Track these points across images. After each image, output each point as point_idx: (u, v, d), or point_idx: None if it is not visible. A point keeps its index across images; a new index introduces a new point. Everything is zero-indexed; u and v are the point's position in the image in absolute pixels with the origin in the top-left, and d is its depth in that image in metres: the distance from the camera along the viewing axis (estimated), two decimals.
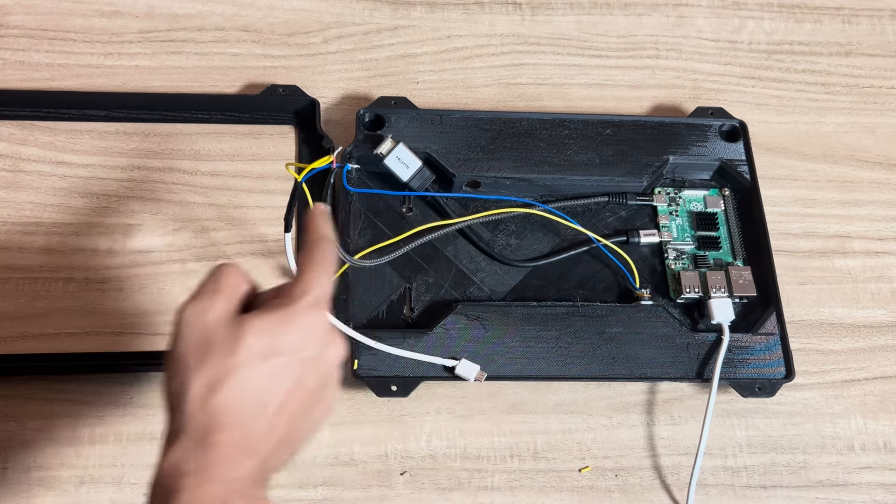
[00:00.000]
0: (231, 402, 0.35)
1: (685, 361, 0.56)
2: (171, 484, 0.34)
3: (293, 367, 0.37)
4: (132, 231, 0.59)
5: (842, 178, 0.67)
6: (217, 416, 0.35)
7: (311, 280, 0.39)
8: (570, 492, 0.55)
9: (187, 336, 0.36)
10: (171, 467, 0.34)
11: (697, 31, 0.72)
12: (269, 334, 0.36)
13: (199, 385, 0.35)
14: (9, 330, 0.55)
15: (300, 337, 0.37)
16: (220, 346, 0.36)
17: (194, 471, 0.34)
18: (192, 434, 0.35)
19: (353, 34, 0.68)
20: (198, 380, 0.35)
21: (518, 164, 0.60)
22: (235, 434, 0.35)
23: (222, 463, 0.34)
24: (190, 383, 0.35)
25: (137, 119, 0.62)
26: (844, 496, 0.56)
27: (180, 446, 0.34)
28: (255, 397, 0.36)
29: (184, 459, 0.34)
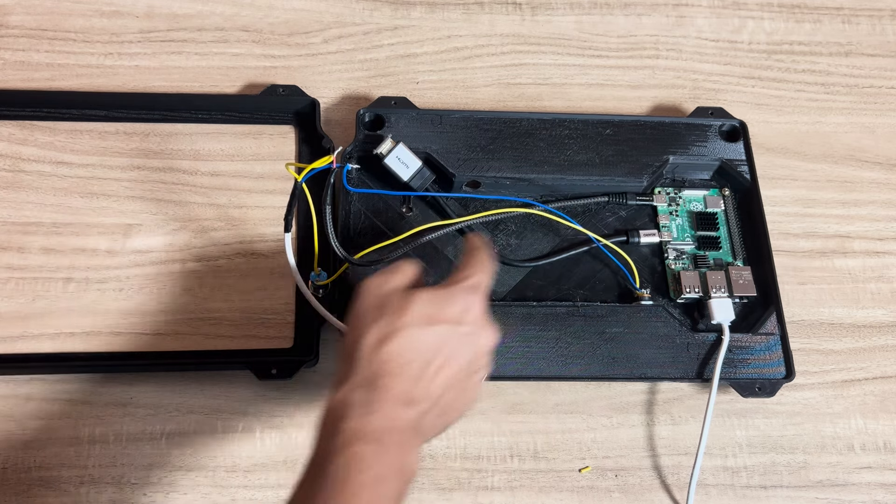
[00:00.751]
0: (397, 354, 0.41)
1: (685, 361, 0.56)
2: (339, 412, 0.40)
3: (451, 337, 0.43)
4: (132, 231, 0.59)
5: (842, 178, 0.67)
6: (385, 364, 0.41)
7: (472, 269, 0.46)
8: (570, 492, 0.55)
9: (366, 300, 0.44)
10: (341, 400, 0.40)
11: (697, 31, 0.72)
12: (434, 305, 0.43)
13: (372, 338, 0.42)
14: (9, 330, 0.55)
15: (458, 312, 0.43)
16: (393, 309, 0.42)
17: (361, 403, 0.40)
18: (361, 376, 0.41)
19: (353, 34, 0.68)
20: (371, 334, 0.42)
21: (518, 164, 0.60)
22: (399, 382, 0.41)
23: (385, 403, 0.40)
24: (364, 337, 0.42)
25: (137, 119, 0.62)
26: (844, 496, 0.56)
27: (350, 385, 0.40)
28: (418, 354, 0.42)
29: (353, 394, 0.40)
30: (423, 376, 0.41)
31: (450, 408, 0.43)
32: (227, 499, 0.53)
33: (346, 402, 0.40)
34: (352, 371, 0.41)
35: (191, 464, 0.53)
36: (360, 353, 0.41)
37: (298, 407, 0.55)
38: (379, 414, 0.39)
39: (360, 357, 0.41)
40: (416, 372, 0.41)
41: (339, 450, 0.38)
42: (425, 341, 0.42)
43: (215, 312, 0.57)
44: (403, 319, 0.42)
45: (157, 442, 0.54)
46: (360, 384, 0.40)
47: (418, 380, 0.41)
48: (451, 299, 0.43)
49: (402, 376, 0.41)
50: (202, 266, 0.58)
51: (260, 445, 0.54)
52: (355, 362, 0.41)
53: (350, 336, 0.43)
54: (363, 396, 0.40)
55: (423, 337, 0.42)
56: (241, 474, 0.53)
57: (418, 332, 0.42)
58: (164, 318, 0.56)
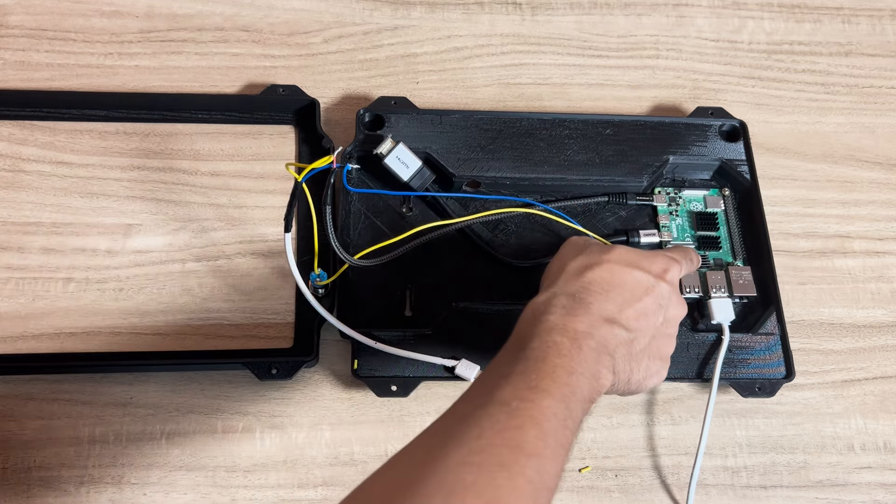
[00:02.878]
0: (600, 280, 0.44)
1: (685, 361, 0.56)
2: (543, 307, 0.43)
3: (650, 287, 0.45)
4: (132, 231, 0.59)
5: (842, 178, 0.67)
6: (588, 284, 0.44)
7: (673, 252, 0.50)
8: (570, 492, 0.55)
9: (570, 245, 0.48)
10: (545, 301, 0.43)
11: (697, 31, 0.72)
12: (636, 254, 0.46)
13: (577, 263, 0.45)
14: (9, 330, 0.55)
15: (658, 270, 0.46)
16: (596, 247, 0.47)
17: (564, 306, 0.42)
18: (565, 290, 0.44)
19: (353, 34, 0.68)
20: (576, 262, 0.45)
21: (518, 164, 0.60)
22: (601, 301, 0.43)
23: (586, 312, 0.42)
24: (568, 264, 0.45)
25: (137, 119, 0.62)
26: (844, 496, 0.56)
27: (555, 291, 0.44)
28: (618, 286, 0.44)
29: (556, 298, 0.43)
30: (622, 307, 0.44)
31: (641, 356, 0.45)
32: (227, 499, 0.53)
33: (550, 302, 0.43)
34: (555, 285, 0.44)
35: (191, 464, 0.53)
36: (565, 273, 0.45)
37: (298, 407, 0.55)
38: (580, 318, 0.42)
39: (563, 278, 0.44)
40: (617, 300, 0.44)
41: (540, 334, 0.41)
42: (626, 279, 0.44)
43: (215, 312, 0.57)
44: (608, 255, 0.45)
45: (157, 442, 0.54)
46: (564, 293, 0.43)
47: (619, 307, 0.43)
48: (653, 257, 0.47)
49: (602, 298, 0.43)
50: (202, 266, 0.58)
51: (260, 445, 0.54)
52: (557, 284, 0.44)
53: (554, 266, 0.47)
54: (567, 302, 0.43)
55: (624, 275, 0.45)
56: (241, 474, 0.53)
57: (620, 268, 0.45)
58: (164, 318, 0.56)
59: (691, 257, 0.53)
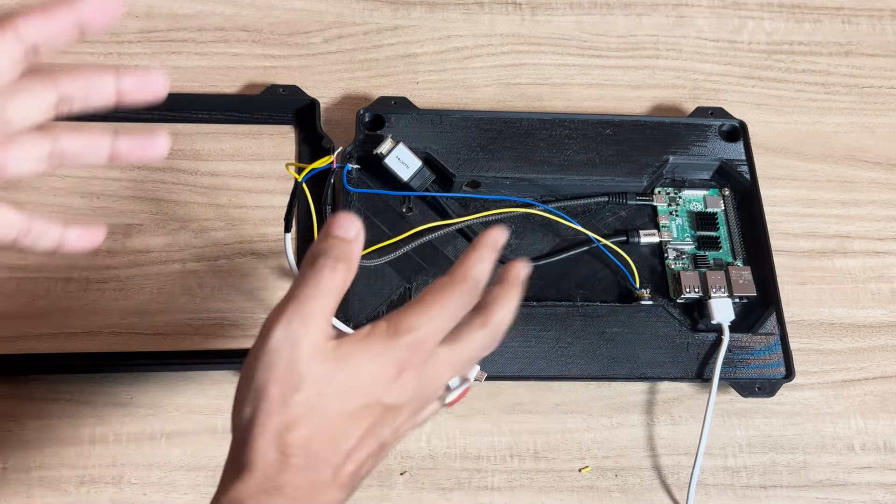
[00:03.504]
0: (309, 440, 0.33)
1: (685, 361, 0.56)
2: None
3: (368, 411, 0.34)
4: (132, 231, 0.59)
5: (842, 178, 0.67)
6: (291, 456, 0.33)
7: (427, 308, 0.35)
8: (570, 492, 0.55)
9: (270, 368, 0.33)
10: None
11: (697, 31, 0.72)
12: (358, 370, 0.34)
13: (275, 422, 0.32)
14: (9, 330, 0.55)
15: (384, 377, 0.34)
16: (308, 382, 0.33)
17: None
18: (258, 474, 0.32)
19: (353, 34, 0.68)
20: (275, 418, 0.33)
21: (518, 164, 0.60)
22: (308, 475, 0.33)
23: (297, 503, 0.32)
24: (265, 420, 0.33)
25: (137, 119, 0.62)
26: (844, 496, 0.56)
27: (245, 486, 0.32)
28: (331, 439, 0.33)
29: (250, 499, 0.32)
30: (351, 459, 0.34)
31: (356, 479, 0.35)
32: None
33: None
34: (246, 460, 0.33)
35: (191, 464, 0.53)
36: (257, 440, 0.33)
37: None
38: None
39: (256, 445, 0.32)
40: (340, 457, 0.34)
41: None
42: (353, 423, 0.34)
43: (215, 312, 0.57)
44: (323, 397, 0.33)
45: (157, 442, 0.54)
46: (257, 482, 0.32)
47: (345, 462, 0.34)
48: (386, 360, 0.34)
49: (323, 465, 0.33)
50: (202, 266, 0.58)
51: None
52: (250, 449, 0.33)
53: (245, 412, 0.33)
54: (268, 502, 0.32)
55: (351, 421, 0.34)
56: None
57: (342, 410, 0.34)
58: (164, 318, 0.56)
59: (447, 308, 0.37)
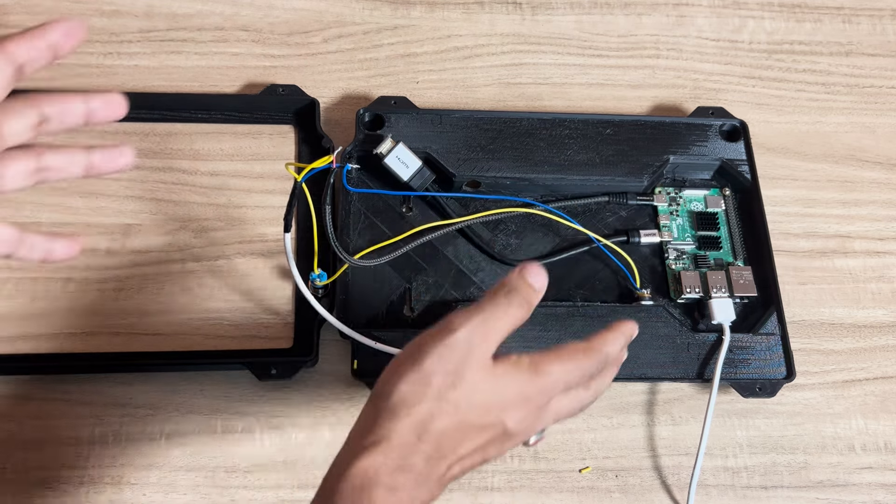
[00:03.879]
0: (444, 436, 0.37)
1: (685, 361, 0.56)
2: (363, 489, 0.35)
3: (493, 429, 0.38)
4: (132, 231, 0.59)
5: (842, 177, 0.67)
6: (426, 443, 0.36)
7: (565, 361, 0.39)
8: (571, 492, 0.55)
9: (444, 360, 0.37)
10: (369, 474, 0.35)
11: (698, 31, 0.72)
12: (504, 389, 0.37)
13: (429, 408, 0.36)
14: (9, 330, 0.55)
15: (518, 403, 0.38)
16: (467, 385, 0.37)
17: (388, 486, 0.35)
18: (395, 450, 0.36)
19: (353, 34, 0.68)
20: (431, 405, 0.36)
21: (518, 164, 0.60)
22: (429, 466, 0.36)
23: (413, 489, 0.36)
24: (421, 403, 0.36)
25: (137, 119, 0.62)
26: (845, 496, 0.56)
27: (381, 457, 0.36)
28: (459, 441, 0.37)
29: (383, 472, 0.35)
30: (459, 463, 0.38)
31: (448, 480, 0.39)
32: (226, 499, 0.52)
33: (374, 481, 0.35)
34: (387, 433, 0.36)
35: (191, 464, 0.53)
36: (406, 419, 0.36)
37: (298, 407, 0.55)
38: (415, 501, 0.36)
39: (404, 424, 0.36)
40: (455, 458, 0.38)
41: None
42: (479, 434, 0.38)
43: (215, 312, 0.57)
44: (471, 401, 0.37)
45: (157, 442, 0.54)
46: (392, 457, 0.36)
47: (455, 464, 0.38)
48: (526, 391, 0.38)
49: (442, 462, 0.37)
50: (202, 266, 0.58)
51: (260, 446, 0.54)
52: (395, 426, 0.36)
53: (402, 390, 0.37)
54: (395, 479, 0.36)
55: (480, 431, 0.38)
56: (241, 474, 0.53)
57: (479, 421, 0.37)
58: (164, 318, 0.56)
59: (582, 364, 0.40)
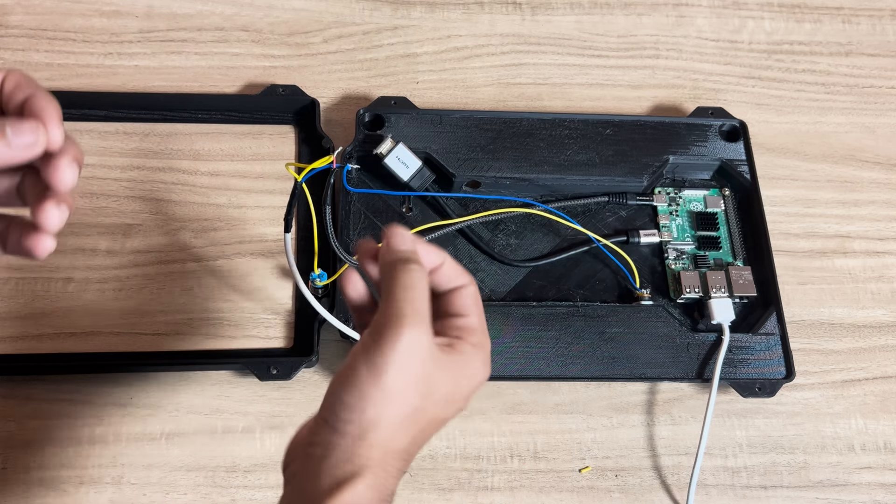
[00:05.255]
0: (419, 442, 0.36)
1: (685, 361, 0.56)
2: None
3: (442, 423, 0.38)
4: (132, 231, 0.59)
5: (842, 178, 0.67)
6: (406, 459, 0.36)
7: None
8: (570, 492, 0.55)
9: (405, 371, 0.34)
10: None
11: (697, 31, 0.72)
12: (459, 384, 0.37)
13: (406, 434, 0.35)
14: (9, 330, 0.55)
15: (474, 385, 0.38)
16: (433, 390, 0.36)
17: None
18: (380, 483, 0.34)
19: (353, 34, 0.68)
20: (407, 429, 0.35)
21: (518, 164, 0.60)
22: (403, 468, 0.36)
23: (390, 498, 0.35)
24: (397, 429, 0.35)
25: (137, 119, 0.62)
26: (845, 496, 0.56)
27: (366, 491, 0.34)
28: (427, 437, 0.37)
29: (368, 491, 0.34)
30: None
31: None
32: (227, 499, 0.52)
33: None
34: (367, 463, 0.34)
35: (191, 464, 0.53)
36: (385, 448, 0.35)
37: (298, 407, 0.55)
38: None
39: (385, 453, 0.35)
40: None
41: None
42: (441, 423, 0.38)
43: (215, 312, 0.57)
44: (439, 405, 0.37)
45: (157, 442, 0.54)
46: (376, 490, 0.34)
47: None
48: (480, 375, 0.39)
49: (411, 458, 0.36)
50: (202, 266, 0.58)
51: (260, 445, 0.54)
52: (374, 454, 0.34)
53: (370, 413, 0.34)
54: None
55: (443, 421, 0.38)
56: (241, 474, 0.53)
57: (443, 416, 0.37)
58: (164, 318, 0.56)
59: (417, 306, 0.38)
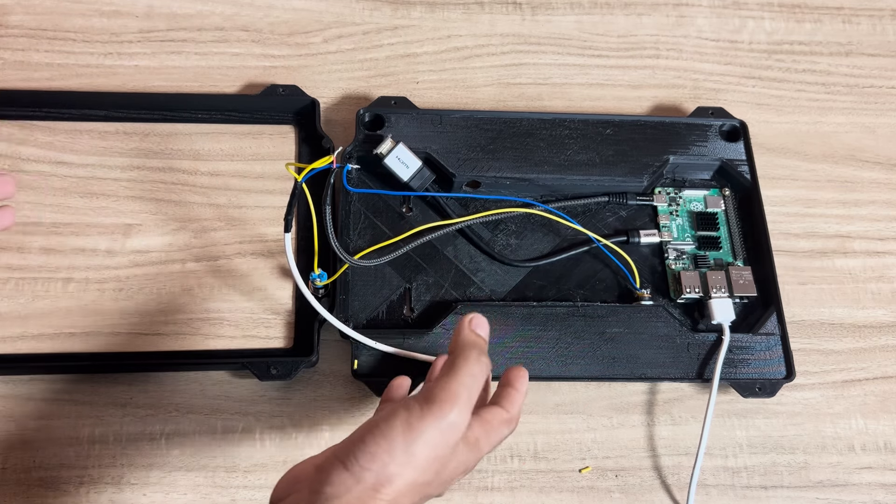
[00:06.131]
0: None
1: (685, 361, 0.56)
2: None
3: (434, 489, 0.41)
4: (132, 231, 0.59)
5: (842, 178, 0.67)
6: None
7: (498, 433, 0.42)
8: (571, 492, 0.55)
9: (440, 445, 0.39)
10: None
11: (698, 31, 0.72)
12: (456, 465, 0.41)
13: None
14: (9, 330, 0.55)
15: (459, 471, 0.41)
16: (452, 468, 0.40)
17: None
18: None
19: (353, 34, 0.68)
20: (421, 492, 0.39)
21: (518, 164, 0.60)
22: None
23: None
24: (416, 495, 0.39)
25: (137, 119, 0.62)
26: (845, 496, 0.56)
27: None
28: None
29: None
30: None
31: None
32: (227, 499, 0.52)
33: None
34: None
35: (191, 464, 0.53)
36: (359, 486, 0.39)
37: (298, 407, 0.55)
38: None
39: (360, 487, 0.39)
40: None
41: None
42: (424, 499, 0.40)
43: (215, 312, 0.57)
44: (433, 482, 0.40)
45: (157, 442, 0.54)
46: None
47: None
48: (466, 463, 0.41)
49: None
50: (202, 266, 0.58)
51: (260, 445, 0.54)
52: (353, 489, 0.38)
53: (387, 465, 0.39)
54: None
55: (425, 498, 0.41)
56: (241, 474, 0.53)
57: (428, 493, 0.40)
58: (164, 318, 0.56)
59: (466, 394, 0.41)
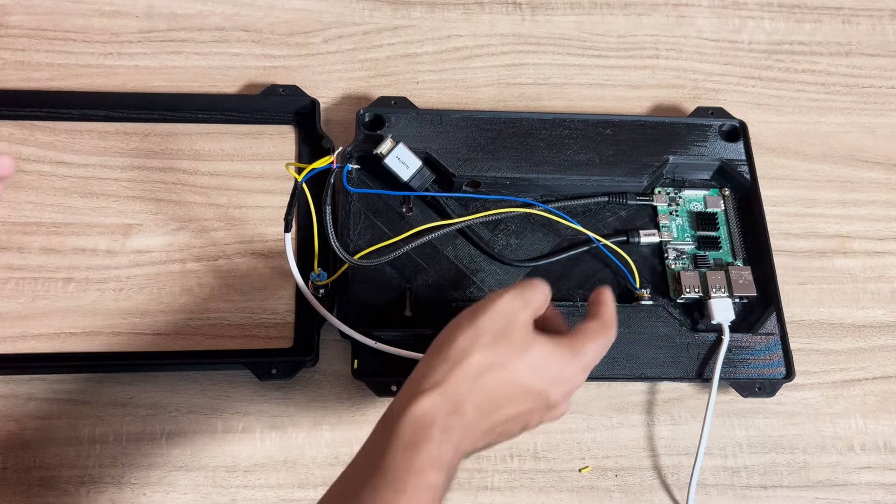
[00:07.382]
0: (494, 389, 0.41)
1: (685, 361, 0.56)
2: (421, 429, 0.39)
3: (543, 408, 0.43)
4: (132, 231, 0.59)
5: (842, 178, 0.67)
6: (478, 391, 0.40)
7: (599, 336, 0.45)
8: (570, 492, 0.55)
9: (495, 318, 0.42)
10: (427, 415, 0.39)
11: (697, 31, 0.72)
12: (553, 365, 0.42)
13: (482, 359, 0.41)
14: (9, 330, 0.55)
15: (567, 389, 0.44)
16: (515, 344, 0.41)
17: (445, 428, 0.39)
18: (450, 394, 0.40)
19: (353, 34, 0.68)
20: (484, 355, 0.41)
21: (518, 164, 0.60)
22: (485, 419, 0.41)
23: (468, 438, 0.40)
24: (475, 353, 0.41)
25: (137, 119, 0.62)
26: (844, 496, 0.56)
27: (438, 400, 0.39)
28: (513, 402, 0.41)
29: (439, 414, 0.39)
30: (504, 424, 0.42)
31: (490, 443, 0.43)
32: (227, 499, 0.53)
33: (431, 421, 0.39)
34: (441, 380, 0.40)
35: (191, 464, 0.53)
36: (461, 367, 0.40)
37: (298, 407, 0.55)
38: (453, 444, 0.39)
39: (458, 372, 0.40)
40: (502, 417, 0.41)
41: (416, 472, 0.38)
42: (525, 398, 0.42)
43: (215, 312, 0.57)
44: (519, 362, 0.41)
45: (157, 442, 0.54)
46: (446, 405, 0.40)
47: (500, 424, 0.41)
48: (569, 370, 0.43)
49: (484, 411, 0.41)
50: (202, 266, 0.58)
51: (260, 445, 0.54)
52: (450, 374, 0.40)
53: (460, 340, 0.41)
54: (449, 421, 0.39)
55: (526, 395, 0.42)
56: (241, 474, 0.53)
57: (526, 382, 0.41)
58: (164, 318, 0.56)
59: (609, 338, 0.46)
